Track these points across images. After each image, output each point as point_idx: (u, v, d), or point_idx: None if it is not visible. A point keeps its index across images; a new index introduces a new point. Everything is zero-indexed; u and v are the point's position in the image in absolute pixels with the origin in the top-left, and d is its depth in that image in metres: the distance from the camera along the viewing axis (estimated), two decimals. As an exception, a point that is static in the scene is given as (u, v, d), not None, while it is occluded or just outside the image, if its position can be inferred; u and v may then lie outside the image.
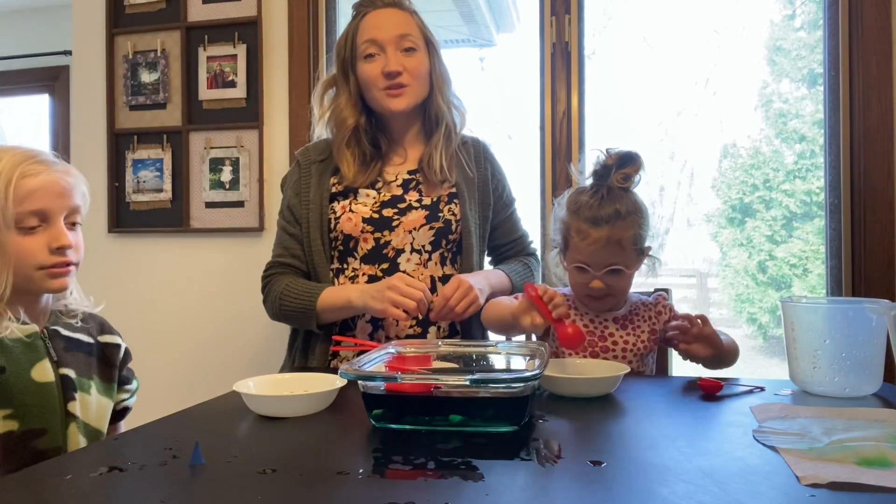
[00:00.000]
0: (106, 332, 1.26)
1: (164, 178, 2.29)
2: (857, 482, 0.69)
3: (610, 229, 1.32)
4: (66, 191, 1.13)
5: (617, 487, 0.72)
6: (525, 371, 1.01)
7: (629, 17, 5.36)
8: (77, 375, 1.15)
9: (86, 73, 2.37)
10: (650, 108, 5.73)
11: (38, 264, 1.10)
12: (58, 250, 1.11)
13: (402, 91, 1.51)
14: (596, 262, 1.33)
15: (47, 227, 1.11)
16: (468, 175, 1.59)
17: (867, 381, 1.13)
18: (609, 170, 1.36)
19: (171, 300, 2.30)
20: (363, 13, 1.55)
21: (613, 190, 1.35)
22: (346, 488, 0.72)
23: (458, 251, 1.56)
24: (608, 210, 1.32)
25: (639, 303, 1.44)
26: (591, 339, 1.37)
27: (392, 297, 1.34)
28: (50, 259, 1.10)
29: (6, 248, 1.07)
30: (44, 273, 1.11)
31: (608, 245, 1.32)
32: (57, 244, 1.10)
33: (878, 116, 1.83)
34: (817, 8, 3.78)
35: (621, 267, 1.34)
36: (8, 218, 1.07)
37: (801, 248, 5.71)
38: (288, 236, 1.57)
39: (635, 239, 1.34)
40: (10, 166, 1.08)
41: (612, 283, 1.35)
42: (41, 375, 1.10)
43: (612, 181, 1.35)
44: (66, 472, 0.78)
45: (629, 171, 1.36)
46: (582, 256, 1.35)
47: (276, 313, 1.52)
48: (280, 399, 1.03)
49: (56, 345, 1.15)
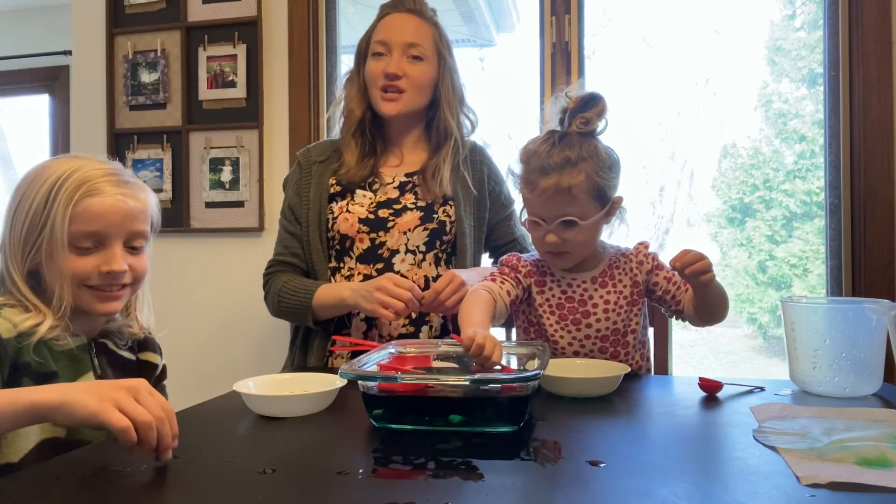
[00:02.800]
0: (147, 350, 1.23)
1: (164, 178, 2.29)
2: (857, 482, 0.69)
3: (558, 177, 1.23)
4: (130, 214, 1.09)
5: (617, 487, 0.72)
6: (525, 371, 1.01)
7: (629, 17, 5.36)
8: None
9: (86, 73, 2.37)
10: (650, 108, 5.73)
11: (87, 284, 1.07)
12: (107, 274, 1.07)
13: (396, 96, 1.53)
14: (548, 215, 1.26)
15: (103, 249, 1.07)
16: (466, 182, 1.60)
17: (867, 381, 1.13)
18: (572, 114, 1.27)
19: (170, 300, 2.29)
20: (385, 13, 1.59)
21: (569, 136, 1.27)
22: (346, 488, 0.72)
23: (452, 252, 1.57)
24: (558, 157, 1.24)
25: (617, 255, 1.37)
26: (571, 306, 1.33)
27: (380, 297, 1.35)
28: (98, 281, 1.07)
29: (61, 264, 1.05)
30: (91, 294, 1.08)
31: (557, 194, 1.24)
32: (107, 268, 1.07)
33: (878, 116, 1.83)
34: (817, 8, 3.78)
35: (574, 217, 1.25)
36: (63, 236, 1.04)
37: (801, 248, 5.71)
38: (289, 235, 1.59)
39: (590, 186, 1.25)
40: (76, 184, 1.05)
41: (567, 237, 1.27)
42: None
43: (573, 126, 1.27)
44: (65, 473, 0.78)
45: (590, 114, 1.27)
46: (533, 209, 1.28)
47: (276, 310, 1.55)
48: (280, 399, 1.03)
49: (101, 360, 1.13)
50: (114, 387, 0.81)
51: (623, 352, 1.34)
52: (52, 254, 1.05)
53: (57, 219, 1.03)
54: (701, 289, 1.25)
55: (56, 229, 1.04)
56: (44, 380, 1.00)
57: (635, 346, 1.36)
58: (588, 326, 1.33)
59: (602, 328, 1.33)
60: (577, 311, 1.33)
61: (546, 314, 1.34)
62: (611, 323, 1.32)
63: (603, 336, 1.33)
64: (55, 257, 1.05)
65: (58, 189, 1.04)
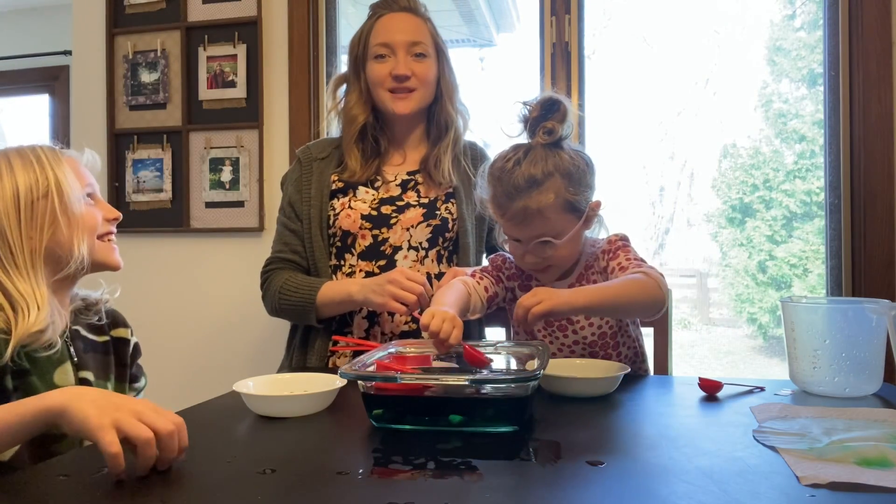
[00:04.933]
0: (119, 326, 1.25)
1: (164, 178, 2.29)
2: (857, 482, 0.69)
3: (526, 199, 1.18)
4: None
5: (617, 487, 0.72)
6: (525, 371, 1.01)
7: (629, 17, 5.37)
8: (95, 378, 1.14)
9: (86, 73, 2.37)
10: (650, 108, 5.74)
11: (98, 233, 1.15)
12: (113, 220, 1.19)
13: (408, 95, 1.53)
14: (522, 236, 1.22)
15: (98, 202, 1.18)
16: (467, 177, 1.60)
17: (867, 381, 1.12)
18: (534, 123, 1.21)
19: (170, 300, 2.30)
20: (378, 14, 1.57)
21: (533, 150, 1.20)
22: (346, 488, 0.72)
23: (454, 249, 1.57)
24: (522, 178, 1.18)
25: (591, 256, 1.32)
26: (551, 318, 1.27)
27: (392, 290, 1.35)
28: (104, 227, 1.17)
29: (79, 219, 1.11)
30: (104, 244, 1.16)
31: (527, 217, 1.19)
32: (112, 215, 1.19)
33: (878, 116, 1.83)
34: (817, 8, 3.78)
35: (549, 238, 1.21)
36: (79, 192, 1.12)
37: (801, 248, 5.71)
38: (289, 232, 1.58)
39: (560, 204, 1.20)
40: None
41: (546, 255, 1.23)
42: (62, 379, 1.08)
43: (537, 140, 1.21)
44: (65, 473, 0.78)
45: (552, 122, 1.20)
46: (508, 230, 1.25)
47: (276, 308, 1.53)
48: (280, 399, 1.03)
49: (77, 346, 1.14)
50: (118, 405, 0.77)
51: (615, 353, 1.33)
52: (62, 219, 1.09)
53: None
54: (561, 313, 1.17)
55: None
56: (19, 377, 1.01)
57: (626, 343, 1.35)
58: (574, 333, 1.32)
59: (588, 334, 1.32)
60: (563, 318, 1.30)
61: None
62: (596, 328, 1.31)
63: (591, 342, 1.32)
64: (68, 216, 1.09)
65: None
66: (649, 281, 1.18)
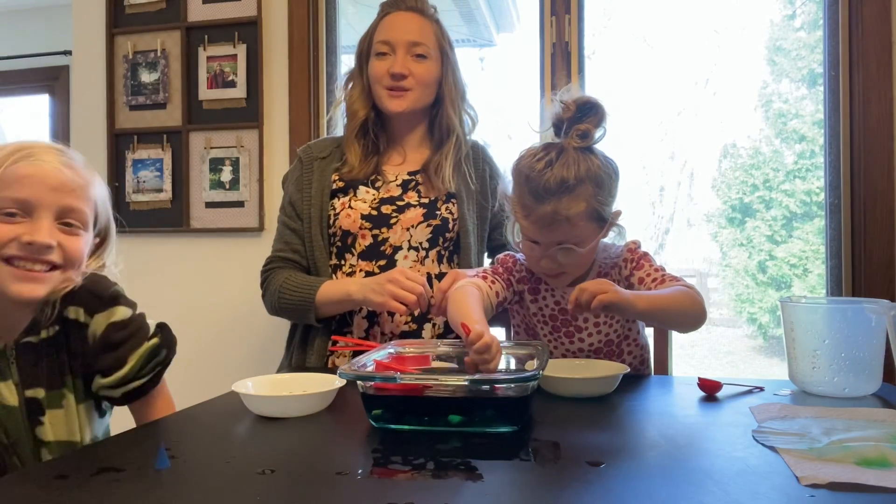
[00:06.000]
0: (75, 304, 1.03)
1: (164, 178, 2.29)
2: (857, 482, 0.69)
3: (556, 204, 1.14)
4: (65, 186, 0.99)
5: (616, 488, 0.72)
6: (525, 371, 1.01)
7: (629, 17, 5.37)
8: (46, 392, 1.02)
9: (86, 73, 2.37)
10: (650, 108, 5.74)
11: (4, 255, 0.95)
12: (29, 245, 0.94)
13: (403, 94, 1.54)
14: (543, 240, 1.19)
15: (29, 220, 0.96)
16: (468, 179, 1.60)
17: (867, 381, 1.12)
18: (568, 124, 1.16)
19: (170, 300, 2.29)
20: (386, 12, 1.59)
21: (566, 152, 1.16)
22: (345, 488, 0.72)
23: (455, 250, 1.57)
24: (554, 181, 1.13)
25: (606, 264, 1.29)
26: (564, 318, 1.30)
27: (392, 290, 1.35)
28: (18, 251, 0.95)
29: None
30: (9, 271, 0.95)
31: (554, 223, 1.16)
32: (28, 238, 0.94)
33: (878, 116, 1.83)
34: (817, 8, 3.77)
35: (571, 245, 1.18)
36: None
37: (801, 248, 5.72)
38: (289, 231, 1.58)
39: (588, 213, 1.17)
40: (11, 150, 0.98)
41: (564, 261, 1.20)
42: (4, 399, 1.00)
43: (569, 141, 1.16)
44: (62, 474, 0.78)
45: (588, 126, 1.16)
46: (528, 232, 1.21)
47: (275, 307, 1.53)
48: (279, 399, 1.03)
49: (24, 362, 1.01)
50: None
51: (619, 361, 1.33)
52: None
53: None
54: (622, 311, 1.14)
55: None
56: None
57: (632, 352, 1.35)
58: (581, 340, 1.32)
59: (595, 342, 1.32)
60: (571, 325, 1.31)
61: (539, 324, 1.33)
62: (603, 335, 1.31)
63: (596, 349, 1.32)
64: None
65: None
66: (697, 296, 1.19)
